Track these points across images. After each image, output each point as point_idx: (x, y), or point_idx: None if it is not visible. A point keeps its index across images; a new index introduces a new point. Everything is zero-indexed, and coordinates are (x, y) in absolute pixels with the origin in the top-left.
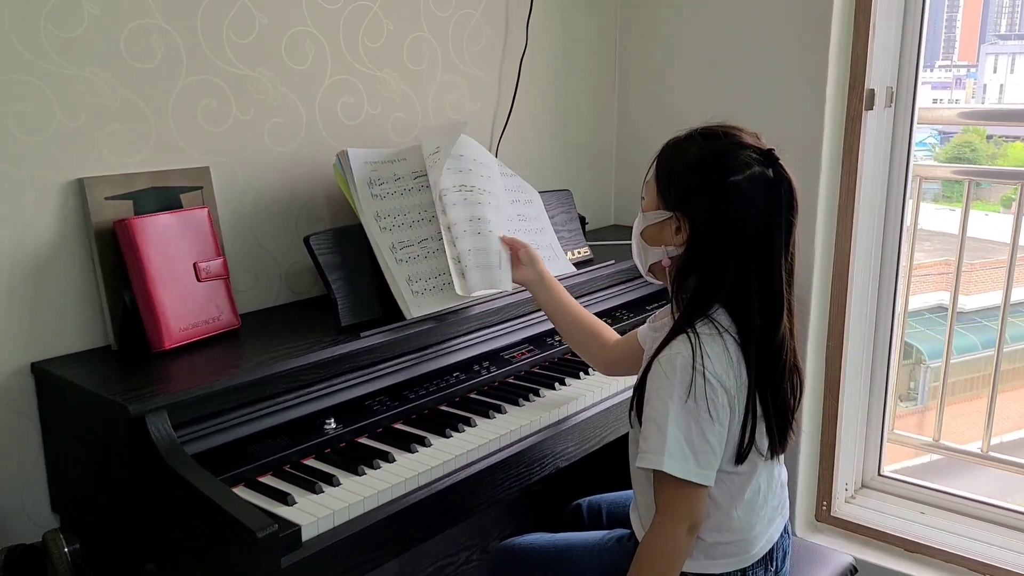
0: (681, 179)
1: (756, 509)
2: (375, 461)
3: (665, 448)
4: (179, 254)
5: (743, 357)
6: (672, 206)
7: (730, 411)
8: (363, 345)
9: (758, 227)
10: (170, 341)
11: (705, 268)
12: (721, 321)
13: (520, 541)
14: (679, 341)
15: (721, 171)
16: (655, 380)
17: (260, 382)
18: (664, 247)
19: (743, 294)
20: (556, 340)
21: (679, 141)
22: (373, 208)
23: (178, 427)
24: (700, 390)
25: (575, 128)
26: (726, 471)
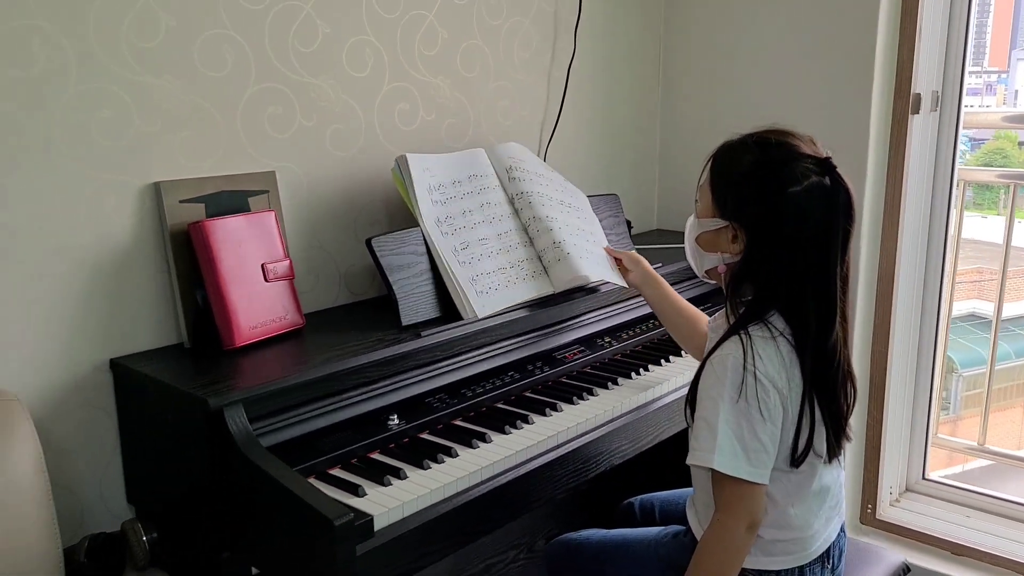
0: (737, 189)
1: (814, 509)
2: (439, 456)
3: (716, 446)
4: (249, 255)
5: (797, 360)
6: (728, 215)
7: (783, 411)
8: (424, 344)
9: (815, 236)
10: (241, 339)
11: (761, 275)
12: (776, 324)
13: (575, 536)
14: (731, 342)
15: (779, 182)
16: (707, 379)
17: (328, 378)
18: (720, 253)
19: (798, 301)
20: (607, 341)
21: (734, 147)
22: (433, 213)
23: (252, 420)
24: (751, 390)
25: (619, 133)
26: (784, 471)
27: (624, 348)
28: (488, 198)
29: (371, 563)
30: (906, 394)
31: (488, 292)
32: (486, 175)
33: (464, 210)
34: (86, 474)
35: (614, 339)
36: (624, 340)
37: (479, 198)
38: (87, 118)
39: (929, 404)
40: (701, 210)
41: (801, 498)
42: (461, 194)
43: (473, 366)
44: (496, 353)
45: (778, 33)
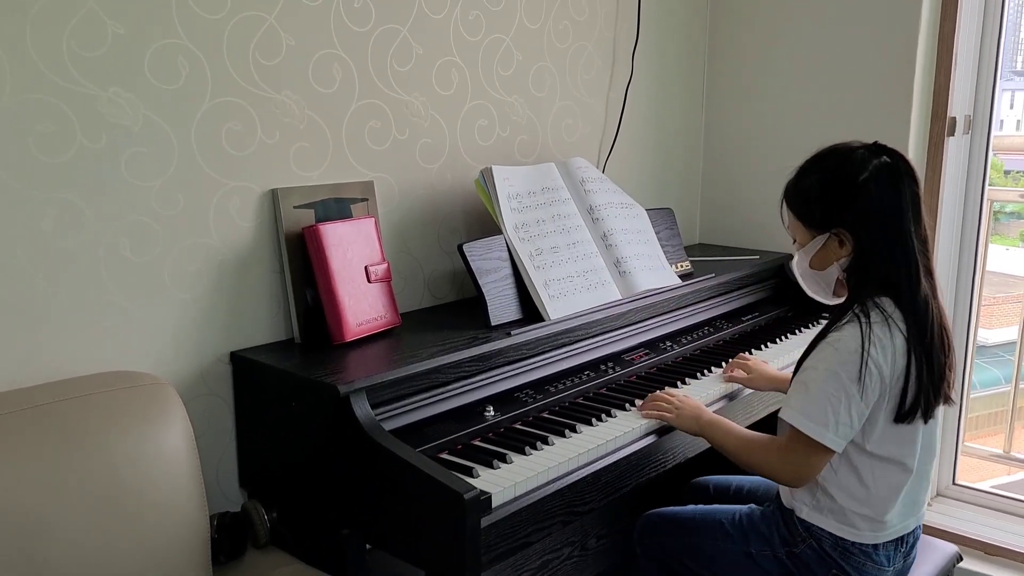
0: (820, 204)
1: (895, 500)
2: (537, 443)
3: (804, 407)
4: (354, 258)
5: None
6: (826, 228)
7: (879, 396)
8: (513, 342)
9: (896, 207)
10: (349, 335)
11: (872, 259)
12: (885, 307)
13: (665, 511)
14: (851, 327)
15: (851, 178)
16: (820, 353)
17: (435, 371)
18: (836, 263)
19: (892, 268)
20: (668, 345)
21: (796, 180)
22: (512, 220)
23: (374, 407)
24: (858, 371)
25: (669, 151)
26: (875, 454)
27: (685, 352)
28: (559, 210)
29: (490, 536)
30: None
31: (558, 297)
32: (557, 188)
33: (538, 219)
34: (204, 458)
35: (674, 343)
36: (683, 344)
37: (551, 209)
38: (217, 128)
39: (959, 413)
40: (801, 241)
41: (885, 480)
42: (536, 204)
43: (553, 364)
44: (573, 353)
45: (817, 59)
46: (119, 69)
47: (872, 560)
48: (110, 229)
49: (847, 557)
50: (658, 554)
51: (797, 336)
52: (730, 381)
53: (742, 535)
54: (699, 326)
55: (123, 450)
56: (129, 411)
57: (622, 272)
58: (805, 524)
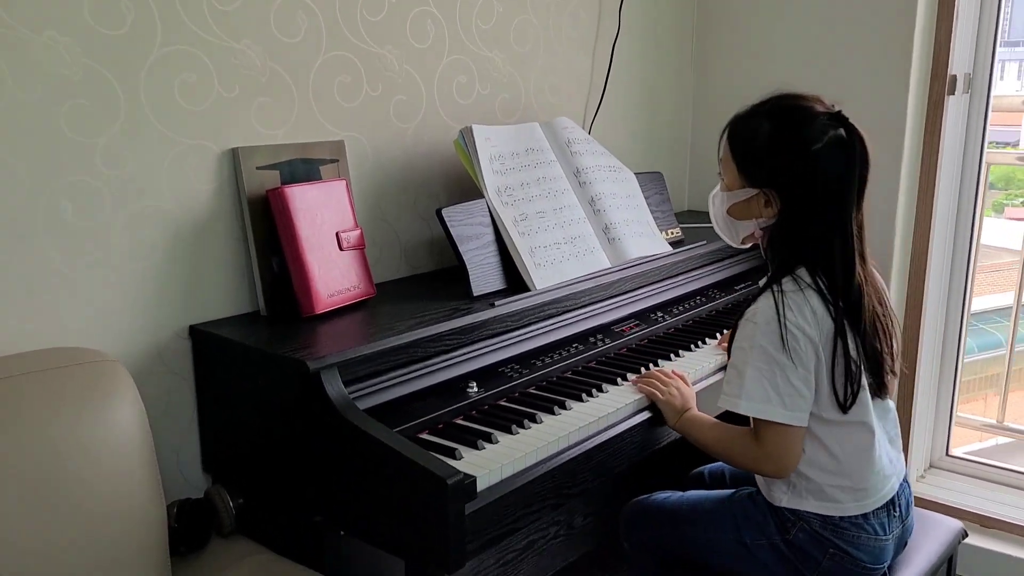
0: (764, 158)
1: (867, 455)
2: (524, 421)
3: (742, 391)
4: (324, 224)
5: (827, 309)
6: (759, 183)
7: (816, 358)
8: (496, 314)
9: (840, 186)
10: (319, 306)
11: (796, 231)
12: (803, 277)
13: (651, 497)
14: (763, 298)
15: (802, 144)
16: (741, 333)
17: (413, 345)
18: (755, 220)
19: (826, 249)
20: (660, 315)
21: (746, 119)
22: (495, 183)
23: (347, 384)
24: (782, 339)
25: (655, 114)
26: (831, 418)
27: (676, 323)
28: (545, 172)
29: (475, 523)
30: (933, 373)
31: (544, 265)
32: (542, 149)
33: (522, 182)
34: (163, 441)
35: (666, 313)
36: (675, 315)
37: (536, 172)
38: (170, 80)
39: (954, 383)
40: (729, 182)
41: (852, 444)
42: (519, 166)
43: (539, 337)
44: (560, 325)
45: (813, 16)
46: (57, 10)
47: (866, 531)
48: (48, 189)
49: (840, 534)
50: (648, 546)
51: None
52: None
53: (733, 524)
54: (691, 295)
55: (64, 435)
56: (70, 391)
57: (611, 239)
58: (790, 511)
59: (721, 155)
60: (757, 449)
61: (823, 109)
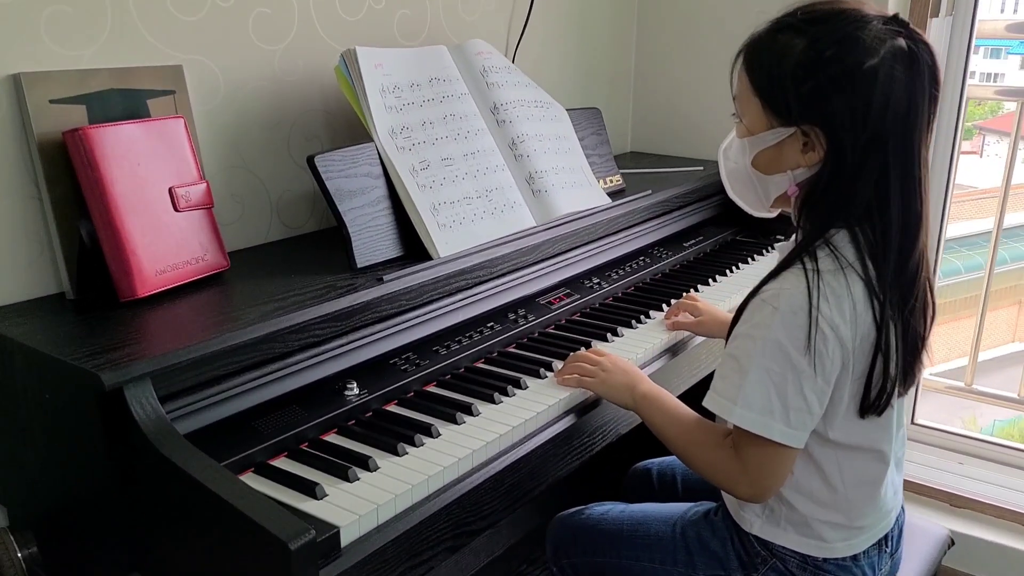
0: (799, 83)
1: (871, 497)
2: (416, 437)
3: (740, 394)
4: (151, 176)
5: (870, 298)
6: (795, 119)
7: (841, 367)
8: (386, 292)
9: (907, 113)
10: (144, 287)
11: (847, 181)
12: (844, 250)
13: (582, 513)
14: (792, 275)
15: (852, 59)
16: (753, 316)
17: (267, 339)
18: (789, 171)
19: (883, 205)
20: (595, 283)
21: (770, 36)
22: (387, 122)
23: (165, 400)
24: (807, 336)
25: (593, 43)
26: (839, 443)
27: (615, 290)
28: (453, 108)
29: None
30: None
31: (451, 226)
32: (450, 79)
33: (423, 121)
34: None
35: (603, 279)
36: (614, 281)
37: (441, 108)
38: None
39: None
40: (750, 124)
41: (856, 474)
42: (421, 100)
43: (444, 317)
44: (470, 300)
45: None
46: None
47: (852, 574)
48: None
49: None
50: (581, 573)
51: (751, 265)
52: (675, 328)
53: (686, 552)
54: (633, 256)
55: None
56: None
57: (536, 191)
58: (761, 541)
59: (736, 90)
60: (734, 463)
61: (874, 13)
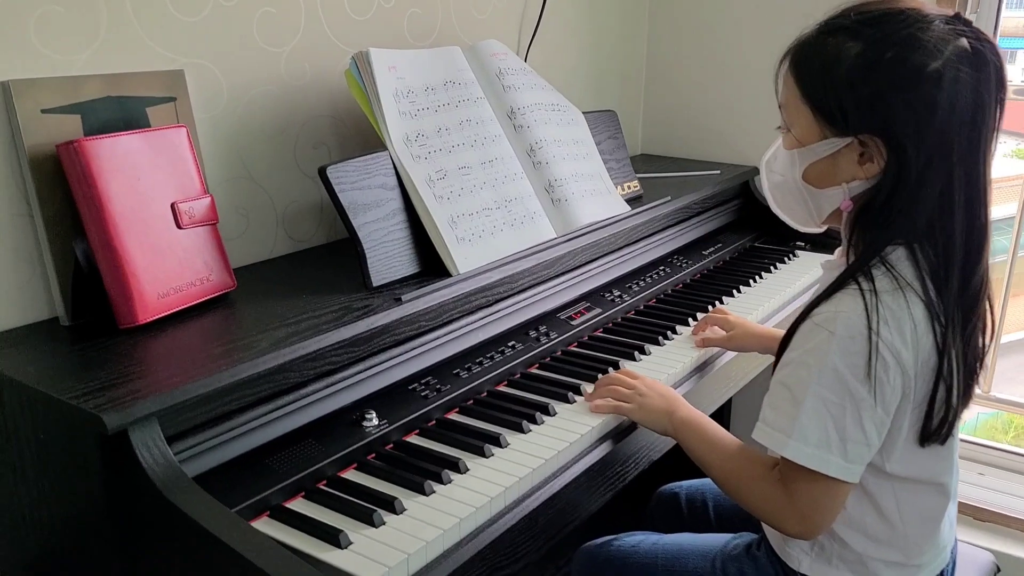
0: (856, 89)
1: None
2: (443, 473)
3: (796, 427)
4: (152, 191)
5: (931, 321)
6: (852, 128)
7: (902, 395)
8: (405, 313)
9: (972, 120)
10: (145, 313)
11: (908, 194)
12: (902, 269)
13: (614, 544)
14: (848, 297)
15: (916, 61)
16: (807, 341)
17: (280, 369)
18: (844, 184)
19: (947, 219)
20: (616, 295)
21: (819, 39)
22: (402, 129)
23: (172, 440)
24: (867, 363)
25: (603, 41)
26: (897, 476)
27: (636, 303)
28: (469, 113)
29: None
30: None
31: (470, 240)
32: (466, 82)
33: (439, 127)
34: None
35: (624, 292)
36: (635, 293)
37: (457, 113)
38: None
39: None
40: (800, 135)
41: (916, 509)
42: (436, 105)
43: (464, 338)
44: (491, 319)
45: None
46: None
47: None
48: None
49: None
50: None
51: (773, 274)
52: (704, 345)
53: None
54: (652, 266)
55: None
56: None
57: (556, 200)
58: None
59: (782, 98)
60: (782, 497)
61: (935, 12)
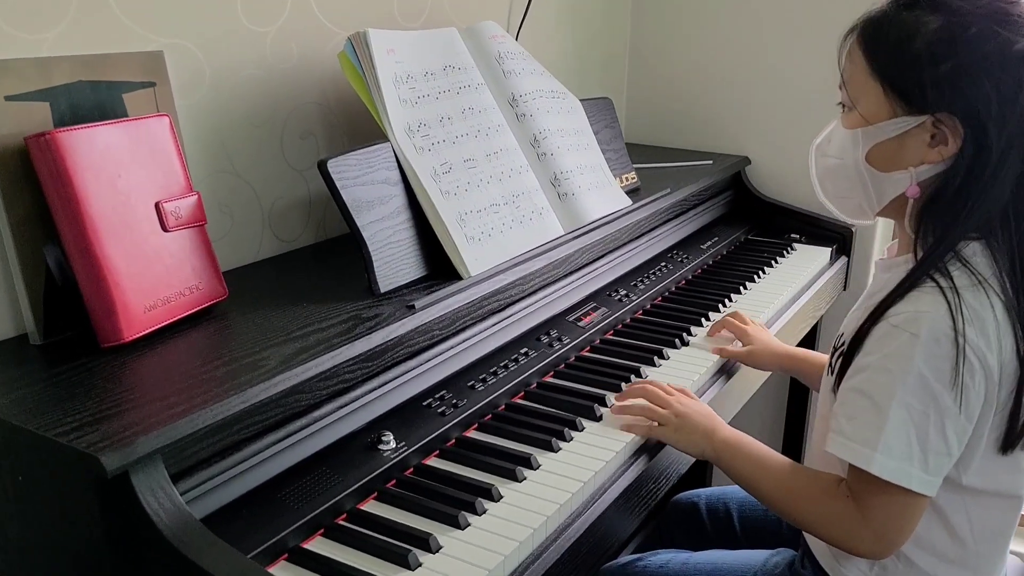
0: (936, 64)
1: (1002, 548)
2: (476, 502)
3: (881, 439)
4: (134, 189)
5: (1011, 320)
6: (929, 106)
7: (985, 401)
8: (419, 322)
9: None
10: (131, 329)
11: (986, 182)
12: (978, 264)
13: (640, 563)
14: (928, 295)
15: (1004, 37)
16: (885, 345)
17: (293, 391)
18: (911, 169)
19: (1020, 212)
20: (623, 294)
21: (897, 11)
22: (403, 118)
23: (177, 479)
24: (953, 368)
25: (588, 27)
26: (973, 488)
27: (643, 303)
28: (471, 101)
29: None
30: None
31: (480, 239)
32: (465, 67)
33: (441, 116)
34: None
35: (629, 291)
36: (641, 292)
37: (459, 100)
38: None
39: None
40: (867, 112)
41: (989, 524)
42: (437, 92)
43: (477, 347)
44: (503, 325)
45: None
46: None
47: None
48: None
49: None
50: None
51: (775, 269)
52: (724, 356)
53: None
54: (654, 262)
55: None
56: None
57: (563, 195)
58: None
59: (847, 74)
60: (854, 516)
61: None
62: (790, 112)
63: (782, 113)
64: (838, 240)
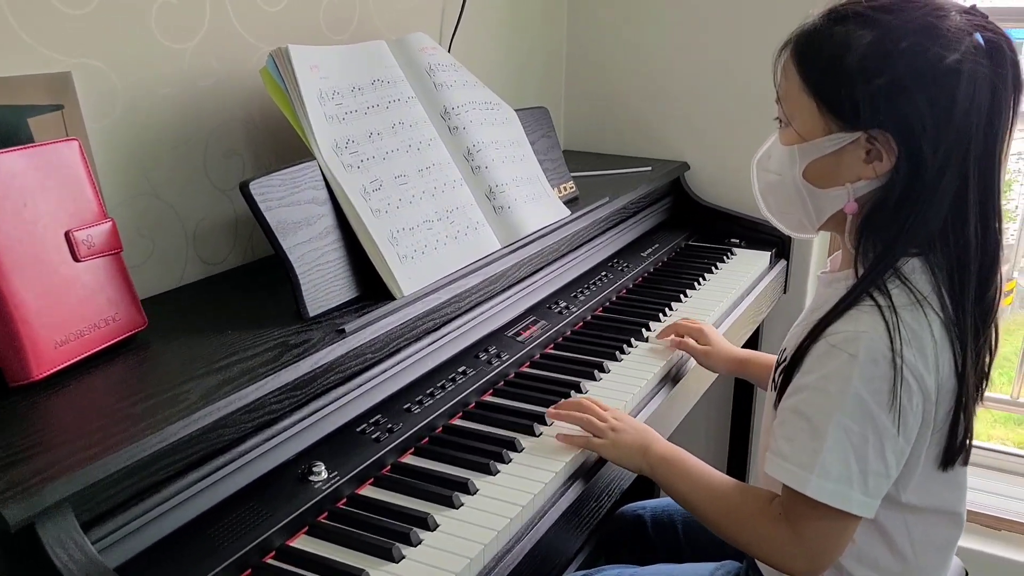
0: (868, 80)
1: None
2: (411, 532)
3: (818, 463)
4: (42, 219)
5: (949, 338)
6: (862, 122)
7: (923, 422)
8: (350, 347)
9: (989, 120)
10: (40, 367)
11: (921, 197)
12: (916, 281)
13: None
14: (866, 314)
15: (934, 52)
16: (822, 364)
17: (216, 426)
18: (848, 185)
19: (960, 226)
20: (563, 306)
21: (829, 26)
22: (330, 135)
23: (89, 527)
24: (891, 390)
25: (525, 29)
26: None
27: (584, 314)
28: (401, 115)
29: None
30: None
31: (413, 257)
32: (394, 81)
33: (370, 131)
34: None
35: (569, 302)
36: (581, 303)
37: (388, 115)
38: None
39: None
40: (803, 129)
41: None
42: (364, 107)
43: (412, 368)
44: (439, 344)
45: None
46: None
47: None
48: None
49: None
50: None
51: (715, 275)
52: (679, 348)
53: None
54: (594, 272)
55: None
56: None
57: (498, 208)
58: None
59: (782, 90)
60: (788, 535)
61: (951, 3)
62: (728, 117)
63: (720, 118)
64: (777, 244)
